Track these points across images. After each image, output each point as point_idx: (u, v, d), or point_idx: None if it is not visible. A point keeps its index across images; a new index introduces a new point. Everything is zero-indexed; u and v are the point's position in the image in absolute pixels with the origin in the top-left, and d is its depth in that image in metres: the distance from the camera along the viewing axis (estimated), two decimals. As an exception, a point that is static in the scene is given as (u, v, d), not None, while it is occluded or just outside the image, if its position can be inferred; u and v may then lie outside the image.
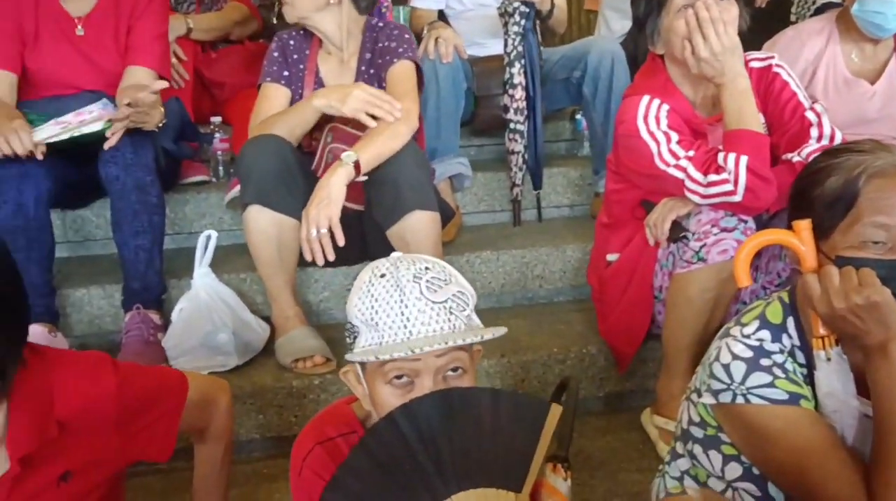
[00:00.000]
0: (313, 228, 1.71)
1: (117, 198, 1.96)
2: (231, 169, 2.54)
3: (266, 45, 2.96)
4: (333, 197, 1.72)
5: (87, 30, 2.11)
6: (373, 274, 1.03)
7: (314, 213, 1.71)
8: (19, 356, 0.98)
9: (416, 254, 1.08)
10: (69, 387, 1.05)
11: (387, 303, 0.99)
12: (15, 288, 0.98)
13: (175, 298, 2.02)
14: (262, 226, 1.84)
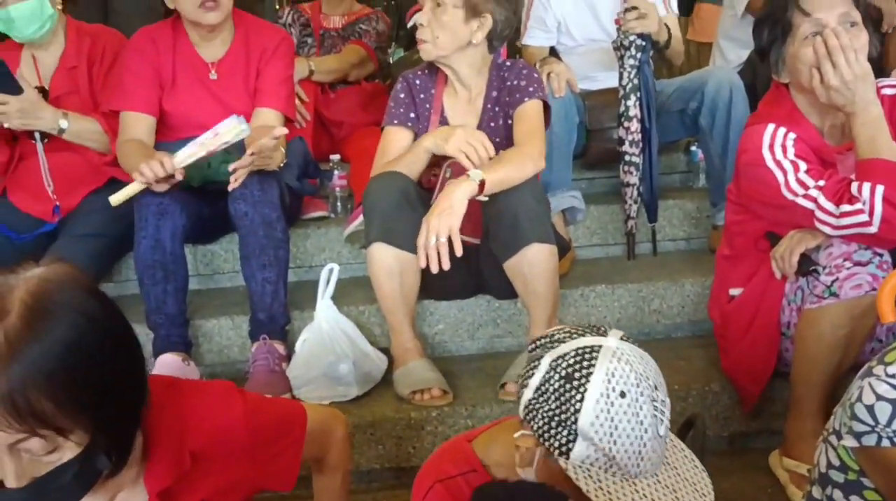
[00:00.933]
0: (433, 236, 1.74)
1: (246, 234, 2.06)
2: (349, 204, 2.64)
3: (381, 86, 3.10)
4: (455, 208, 1.75)
5: (219, 74, 2.24)
6: (611, 388, 1.02)
7: (435, 222, 1.74)
8: (139, 416, 1.00)
9: (646, 366, 1.07)
10: (200, 418, 1.08)
11: (628, 439, 1.02)
12: (138, 361, 0.99)
13: (298, 329, 2.10)
14: (386, 262, 1.90)
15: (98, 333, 0.89)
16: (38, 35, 2.26)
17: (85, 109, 2.29)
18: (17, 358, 0.83)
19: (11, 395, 0.82)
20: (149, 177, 1.91)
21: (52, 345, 0.85)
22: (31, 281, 0.88)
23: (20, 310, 0.85)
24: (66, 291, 0.89)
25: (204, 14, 2.11)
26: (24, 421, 0.83)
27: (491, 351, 2.20)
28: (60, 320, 0.86)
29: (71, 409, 0.85)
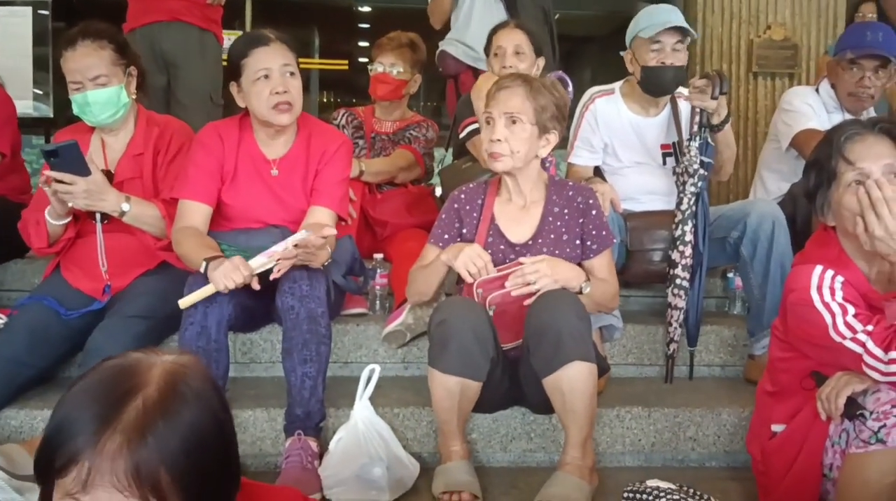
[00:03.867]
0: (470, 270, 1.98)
1: (290, 327, 2.09)
2: (388, 303, 2.68)
3: (426, 189, 3.20)
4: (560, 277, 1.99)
5: (280, 171, 2.33)
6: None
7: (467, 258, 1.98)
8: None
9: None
10: None
11: None
12: (237, 455, 1.01)
13: (331, 426, 2.10)
14: (449, 387, 1.93)
15: (216, 423, 0.93)
16: (111, 121, 2.37)
17: (146, 195, 2.37)
18: (150, 428, 0.86)
19: (138, 462, 0.85)
20: (230, 287, 1.97)
21: (181, 425, 0.89)
22: (167, 363, 0.93)
23: (159, 385, 0.90)
24: (197, 379, 0.94)
25: (277, 115, 2.22)
26: (141, 488, 0.85)
27: (523, 465, 2.18)
28: (190, 404, 0.91)
29: (180, 487, 0.88)
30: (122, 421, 0.86)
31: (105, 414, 0.86)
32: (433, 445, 2.14)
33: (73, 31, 2.35)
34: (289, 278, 2.10)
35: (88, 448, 0.84)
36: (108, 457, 0.84)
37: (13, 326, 2.17)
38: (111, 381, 0.90)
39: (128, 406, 0.87)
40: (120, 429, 0.85)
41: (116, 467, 0.84)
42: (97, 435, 0.85)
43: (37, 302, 2.24)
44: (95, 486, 0.84)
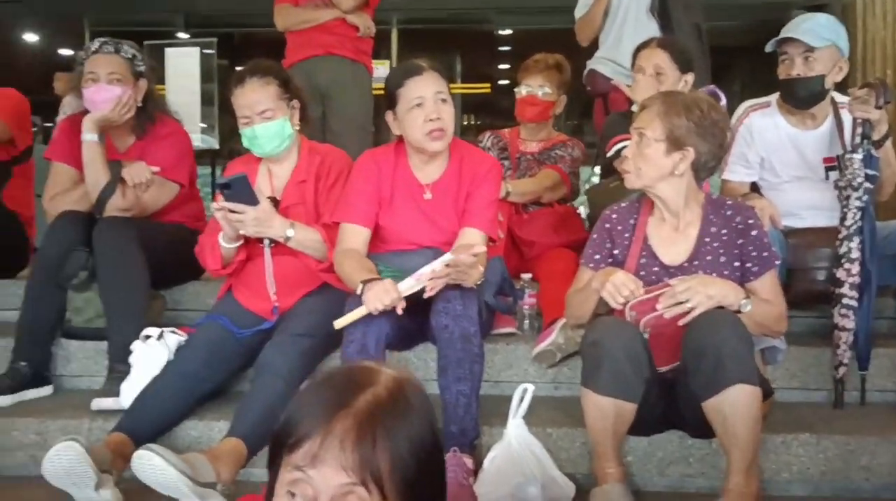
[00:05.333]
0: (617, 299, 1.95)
1: (444, 346, 2.15)
2: (537, 323, 2.69)
3: (573, 209, 3.20)
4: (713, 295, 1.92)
5: (433, 195, 2.41)
6: None
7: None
8: None
9: None
10: None
11: None
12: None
13: (484, 444, 2.14)
14: (603, 408, 1.92)
15: (433, 435, 0.99)
16: (277, 152, 2.53)
17: (309, 219, 2.51)
18: (379, 418, 0.93)
19: (364, 446, 0.91)
20: (378, 309, 2.06)
21: (405, 424, 0.94)
22: (394, 372, 1.00)
23: (388, 386, 0.96)
24: (418, 392, 1.00)
25: (431, 142, 2.30)
26: (363, 472, 0.91)
27: (681, 490, 2.12)
28: (414, 410, 0.96)
29: (399, 484, 0.93)
30: (354, 407, 0.93)
31: (339, 400, 0.93)
32: (587, 466, 2.13)
33: (242, 70, 2.53)
34: (442, 298, 2.16)
35: (321, 426, 0.91)
36: (337, 436, 0.91)
37: (193, 343, 2.35)
38: (345, 378, 0.98)
39: (360, 395, 0.94)
40: (352, 413, 0.92)
41: (344, 446, 0.90)
42: (330, 415, 0.92)
43: (213, 322, 2.42)
44: (323, 461, 0.90)
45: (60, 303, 2.55)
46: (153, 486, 1.85)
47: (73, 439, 1.86)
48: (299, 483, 0.93)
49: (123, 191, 2.64)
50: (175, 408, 2.22)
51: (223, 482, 1.94)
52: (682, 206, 2.10)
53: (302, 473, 0.92)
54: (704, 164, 2.08)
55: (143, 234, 2.59)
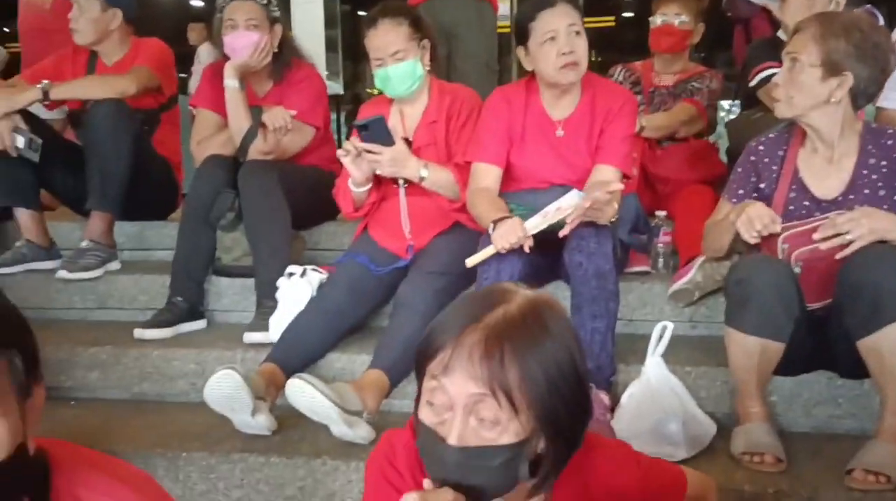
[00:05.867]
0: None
1: (579, 284, 2.14)
2: (671, 261, 2.63)
3: (710, 144, 3.07)
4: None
5: (565, 132, 2.37)
6: None
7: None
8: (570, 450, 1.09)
9: None
10: (602, 472, 1.17)
11: None
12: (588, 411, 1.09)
13: (620, 381, 2.13)
14: (748, 348, 1.87)
15: (570, 360, 1.03)
16: (409, 92, 2.56)
17: (440, 159, 2.54)
18: (507, 333, 0.99)
19: (492, 358, 0.98)
20: (507, 248, 2.07)
21: (536, 344, 1.00)
22: (529, 294, 1.06)
23: (521, 306, 1.02)
24: (556, 315, 1.05)
25: (564, 75, 2.26)
26: (490, 383, 0.97)
27: (828, 432, 2.05)
28: (548, 331, 1.02)
29: (533, 404, 0.99)
30: (484, 321, 0.99)
31: (472, 315, 1.01)
32: (728, 406, 2.09)
33: (373, 12, 2.55)
34: (577, 235, 2.14)
35: (453, 337, 0.99)
36: (466, 347, 0.98)
37: (334, 280, 2.45)
38: (482, 296, 1.07)
39: (491, 312, 1.01)
40: (481, 327, 0.99)
41: (472, 358, 0.98)
42: (461, 328, 0.99)
43: (352, 260, 2.51)
44: (454, 370, 0.99)
45: (211, 243, 2.70)
46: (305, 412, 1.97)
47: (231, 368, 1.99)
48: (436, 392, 1.01)
49: (264, 135, 2.74)
50: (320, 341, 2.33)
51: (368, 411, 2.03)
52: (836, 137, 1.97)
53: (437, 382, 1.01)
54: (864, 91, 1.94)
55: (284, 177, 2.69)
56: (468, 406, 0.99)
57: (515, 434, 0.99)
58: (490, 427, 0.99)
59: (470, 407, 0.99)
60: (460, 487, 1.00)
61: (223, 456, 2.01)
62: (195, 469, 2.03)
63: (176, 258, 2.69)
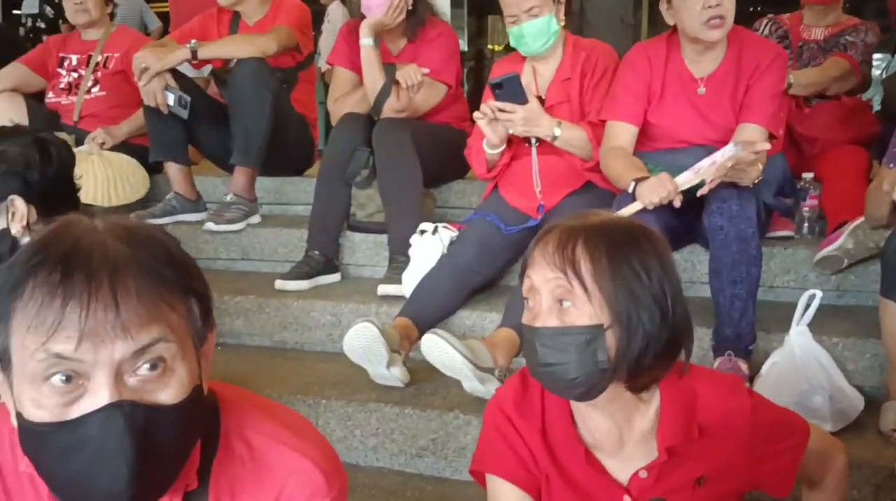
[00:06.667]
0: None
1: (718, 247, 2.07)
2: (817, 226, 2.50)
3: (864, 102, 2.87)
4: None
5: (707, 89, 2.28)
6: None
7: None
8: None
9: None
10: (711, 399, 1.20)
11: None
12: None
13: (760, 350, 2.06)
14: None
15: (660, 279, 1.13)
16: (543, 49, 2.51)
17: (573, 117, 2.50)
18: (582, 229, 1.14)
19: (564, 247, 1.12)
20: (655, 203, 2.02)
21: (619, 244, 1.13)
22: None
23: (604, 216, 1.18)
24: (649, 238, 1.16)
25: (708, 31, 2.16)
26: (564, 265, 1.11)
27: None
28: (632, 243, 1.13)
29: (602, 288, 1.11)
30: (564, 223, 1.16)
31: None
32: (877, 379, 2.00)
33: (509, -32, 2.51)
34: (717, 197, 2.07)
35: (539, 237, 1.17)
36: (546, 241, 1.14)
37: (465, 238, 2.47)
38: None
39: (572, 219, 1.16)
40: (558, 226, 1.16)
41: (548, 247, 1.12)
42: (545, 232, 1.16)
43: (482, 218, 2.52)
44: (535, 261, 1.13)
45: (346, 199, 2.79)
46: (439, 367, 2.02)
47: (369, 321, 2.06)
48: (528, 287, 1.14)
49: (398, 92, 2.77)
50: (451, 298, 2.37)
51: (500, 367, 2.06)
52: None
53: (528, 278, 1.14)
54: None
55: (416, 135, 2.72)
56: (548, 290, 1.10)
57: (589, 318, 1.09)
58: (567, 310, 1.10)
59: (550, 292, 1.11)
60: (547, 366, 1.12)
61: (360, 405, 2.09)
62: (333, 416, 2.12)
63: (313, 213, 2.78)
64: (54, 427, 0.83)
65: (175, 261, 0.91)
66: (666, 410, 1.18)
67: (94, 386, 0.83)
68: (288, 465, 0.99)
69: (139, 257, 0.87)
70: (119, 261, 0.85)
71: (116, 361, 0.83)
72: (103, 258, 0.84)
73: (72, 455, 0.84)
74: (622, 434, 1.19)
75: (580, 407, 1.20)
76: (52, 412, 0.83)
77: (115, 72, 3.35)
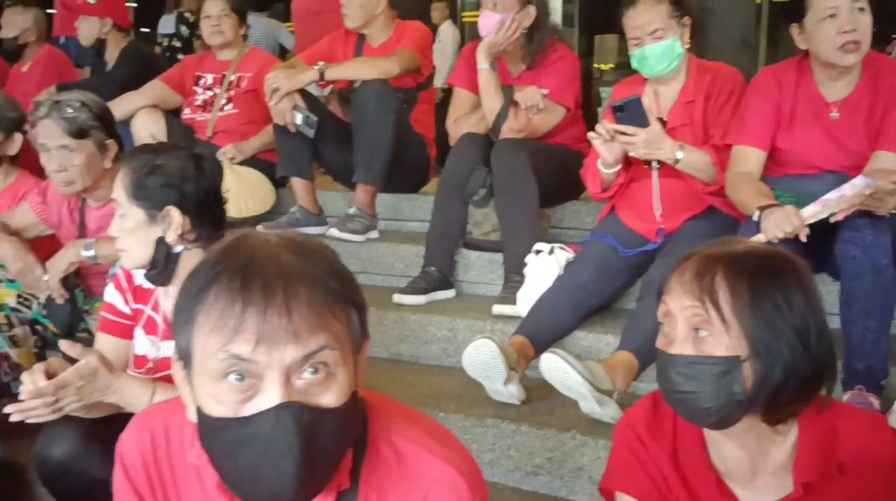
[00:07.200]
0: None
1: (851, 278, 2.01)
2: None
3: None
4: None
5: (841, 114, 2.22)
6: None
7: None
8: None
9: None
10: (852, 436, 1.16)
11: None
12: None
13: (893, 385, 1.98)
14: None
15: (803, 312, 1.12)
16: (666, 72, 2.51)
17: (696, 141, 2.47)
18: (721, 258, 1.14)
19: (703, 278, 1.13)
20: (780, 237, 1.99)
21: (761, 275, 1.12)
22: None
23: (747, 246, 1.19)
24: (794, 269, 1.15)
25: (844, 56, 2.11)
26: (703, 294, 1.11)
27: None
28: (775, 275, 1.13)
29: (741, 320, 1.11)
30: (702, 252, 1.15)
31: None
32: None
33: (635, -10, 2.52)
34: (850, 226, 2.01)
35: (676, 265, 1.17)
36: (683, 269, 1.14)
37: (582, 259, 2.48)
38: None
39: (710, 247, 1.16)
40: (697, 253, 1.15)
41: (686, 274, 1.13)
42: (683, 259, 1.16)
43: (599, 240, 2.52)
44: (672, 289, 1.15)
45: (463, 217, 2.85)
46: (557, 386, 2.03)
47: (489, 337, 2.10)
48: (664, 313, 1.16)
49: (516, 112, 2.82)
50: (568, 318, 2.38)
51: (619, 391, 2.06)
52: None
53: (664, 303, 1.15)
54: None
55: (533, 155, 2.76)
56: (684, 318, 1.11)
57: (727, 349, 1.09)
58: (704, 339, 1.10)
59: (686, 319, 1.11)
60: (681, 393, 1.12)
61: (477, 420, 2.13)
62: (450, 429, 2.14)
63: (430, 230, 2.86)
64: (230, 422, 0.91)
65: (338, 274, 0.98)
66: (803, 444, 1.16)
67: (266, 386, 0.90)
68: (434, 472, 1.04)
69: (308, 269, 0.93)
70: (291, 272, 0.92)
71: (287, 364, 0.90)
72: (278, 269, 0.91)
73: (244, 449, 0.91)
74: (755, 465, 1.18)
75: (713, 434, 1.20)
76: (229, 408, 0.91)
77: (246, 90, 3.55)
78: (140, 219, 1.71)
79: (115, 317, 1.87)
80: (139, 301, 1.86)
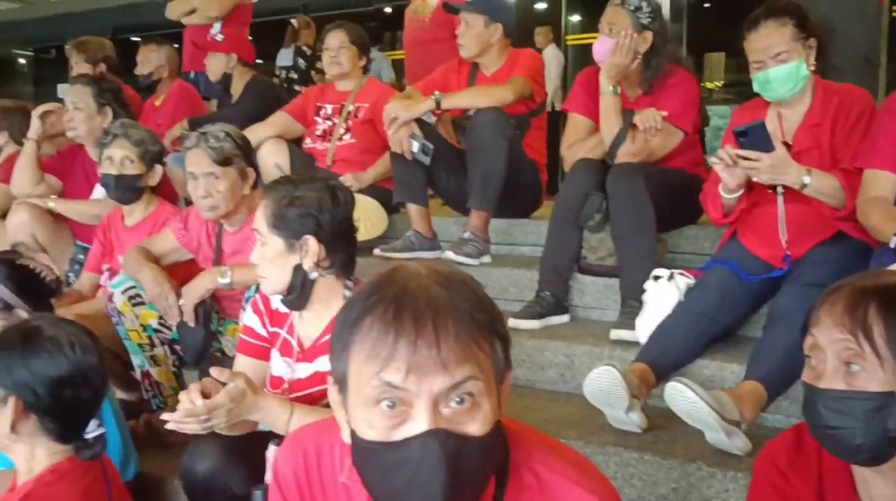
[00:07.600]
0: None
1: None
2: None
3: None
4: None
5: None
6: None
7: None
8: None
9: None
10: None
11: None
12: None
13: None
14: None
15: None
16: (790, 95, 2.45)
17: (823, 165, 2.40)
18: (875, 292, 1.13)
19: (854, 309, 1.13)
20: None
21: None
22: None
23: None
24: None
25: None
26: (854, 327, 1.11)
27: None
28: None
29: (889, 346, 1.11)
30: (851, 285, 1.16)
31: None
32: None
33: (756, 13, 2.48)
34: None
35: (824, 297, 1.18)
36: (833, 302, 1.13)
37: (704, 285, 2.44)
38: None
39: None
40: (847, 286, 1.15)
41: (836, 307, 1.12)
42: (831, 291, 1.17)
43: (721, 266, 2.47)
44: (821, 321, 1.13)
45: (578, 242, 2.85)
46: (682, 416, 2.01)
47: (611, 365, 2.09)
48: (811, 345, 1.15)
49: (633, 136, 2.82)
50: (690, 346, 2.34)
51: (747, 421, 2.01)
52: None
53: (811, 336, 1.14)
54: None
55: (649, 180, 2.74)
56: (834, 351, 1.09)
57: (881, 384, 1.07)
58: (856, 374, 1.08)
59: (836, 353, 1.09)
60: (830, 429, 1.10)
61: (598, 448, 2.13)
62: (571, 455, 2.16)
63: (545, 255, 2.87)
64: (382, 446, 0.96)
65: (484, 306, 1.02)
66: None
67: (415, 413, 0.94)
68: (576, 500, 1.06)
69: (456, 301, 0.98)
70: (440, 305, 0.96)
71: (435, 393, 0.94)
72: (427, 301, 0.96)
73: (394, 472, 0.96)
74: None
75: (863, 471, 1.17)
76: (380, 432, 0.96)
77: (364, 120, 3.68)
78: (279, 248, 1.81)
79: (253, 340, 1.97)
80: (275, 324, 1.96)
